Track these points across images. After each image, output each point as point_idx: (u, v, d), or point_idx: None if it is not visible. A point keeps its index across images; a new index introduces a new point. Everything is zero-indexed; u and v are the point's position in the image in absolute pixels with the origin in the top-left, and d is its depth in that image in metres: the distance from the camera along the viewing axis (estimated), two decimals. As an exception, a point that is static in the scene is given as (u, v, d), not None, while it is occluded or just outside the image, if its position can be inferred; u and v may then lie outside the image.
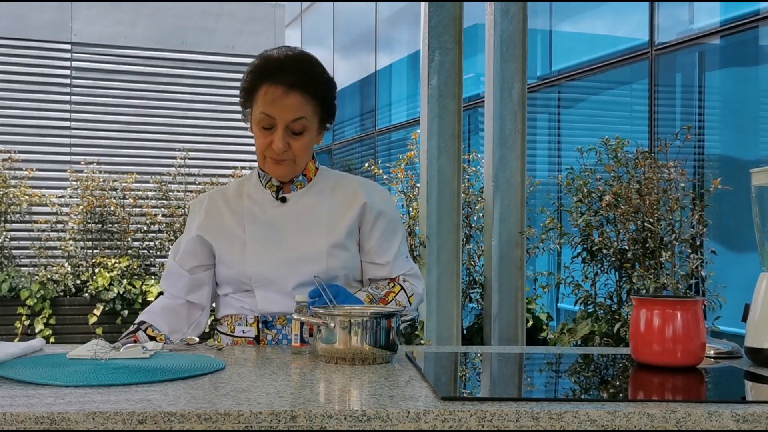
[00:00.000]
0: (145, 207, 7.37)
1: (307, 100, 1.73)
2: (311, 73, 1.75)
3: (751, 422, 1.16)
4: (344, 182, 1.88)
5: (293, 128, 1.74)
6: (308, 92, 1.73)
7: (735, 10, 5.28)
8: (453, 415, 1.13)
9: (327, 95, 1.78)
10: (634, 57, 6.00)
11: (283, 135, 1.73)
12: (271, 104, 1.72)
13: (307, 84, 1.72)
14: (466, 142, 7.77)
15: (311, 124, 1.76)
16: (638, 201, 4.02)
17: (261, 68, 1.75)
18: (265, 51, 1.80)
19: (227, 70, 7.96)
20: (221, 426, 1.10)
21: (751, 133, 5.23)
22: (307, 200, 1.83)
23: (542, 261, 6.74)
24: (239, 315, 1.82)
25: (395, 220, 1.89)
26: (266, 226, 1.80)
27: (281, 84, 1.71)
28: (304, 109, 1.73)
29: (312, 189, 1.85)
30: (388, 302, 1.79)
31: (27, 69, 7.41)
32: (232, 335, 1.83)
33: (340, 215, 1.82)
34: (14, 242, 7.12)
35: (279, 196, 1.84)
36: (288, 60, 1.74)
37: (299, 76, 1.72)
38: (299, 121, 1.73)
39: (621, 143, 4.31)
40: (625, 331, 3.86)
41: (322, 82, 1.77)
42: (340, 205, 1.83)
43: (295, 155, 1.77)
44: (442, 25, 5.08)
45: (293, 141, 1.75)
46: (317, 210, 1.82)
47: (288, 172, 1.80)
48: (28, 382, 1.27)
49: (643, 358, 1.51)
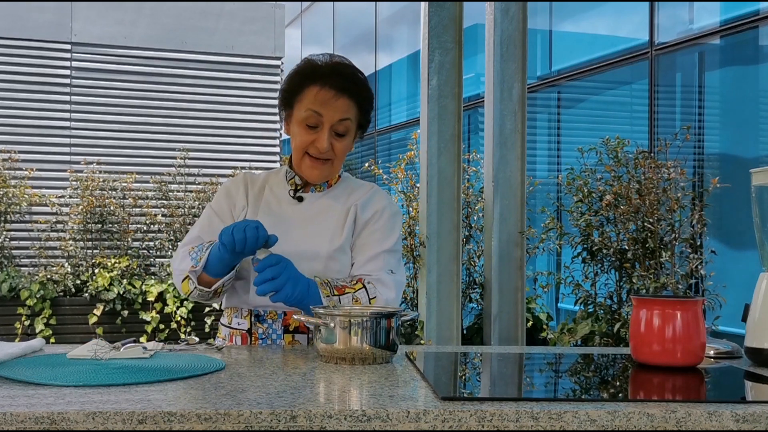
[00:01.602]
0: (145, 207, 7.36)
1: (352, 104, 1.81)
2: (358, 81, 1.83)
3: (751, 422, 1.16)
4: (360, 190, 1.92)
5: (337, 129, 1.81)
6: (354, 97, 1.81)
7: (735, 10, 5.28)
8: (453, 415, 1.13)
9: (368, 104, 1.87)
10: (634, 57, 6.00)
11: (329, 135, 1.80)
12: (321, 104, 1.78)
13: (355, 90, 1.81)
14: (466, 142, 7.78)
15: (353, 128, 1.84)
16: (638, 201, 4.02)
17: (309, 71, 1.82)
18: (309, 56, 1.87)
19: (227, 70, 7.96)
20: (221, 426, 1.10)
21: (751, 132, 5.24)
22: (323, 204, 1.88)
23: (542, 261, 6.74)
24: (236, 307, 1.86)
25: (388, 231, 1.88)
26: (277, 221, 1.83)
27: (332, 87, 1.78)
28: (350, 112, 1.81)
29: (329, 194, 1.90)
30: (343, 294, 1.75)
31: (27, 69, 7.41)
32: (229, 326, 1.87)
33: (345, 219, 1.86)
34: (14, 242, 7.11)
35: (297, 195, 1.88)
36: (337, 66, 1.82)
37: (350, 81, 1.81)
38: (344, 123, 1.81)
39: (621, 143, 4.31)
40: (625, 331, 3.86)
41: (366, 90, 1.86)
42: (348, 210, 1.87)
43: (336, 156, 1.83)
44: (442, 25, 5.08)
45: (336, 142, 1.82)
46: (329, 213, 1.86)
47: (323, 176, 1.86)
48: (28, 382, 1.27)
49: (643, 358, 1.51)
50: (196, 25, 7.89)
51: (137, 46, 7.69)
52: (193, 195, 7.42)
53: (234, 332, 1.86)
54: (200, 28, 7.90)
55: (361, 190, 1.92)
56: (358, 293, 1.76)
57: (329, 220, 1.85)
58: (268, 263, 1.65)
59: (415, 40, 8.96)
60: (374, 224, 1.87)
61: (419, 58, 5.25)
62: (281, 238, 1.78)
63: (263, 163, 7.99)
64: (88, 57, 7.58)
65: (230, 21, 7.99)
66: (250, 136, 8.03)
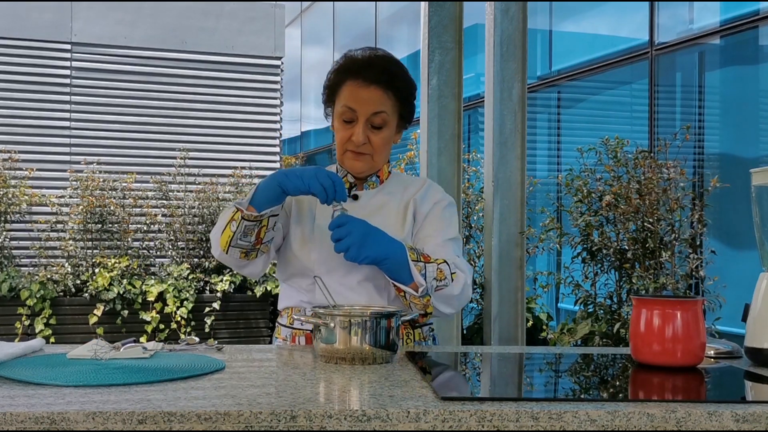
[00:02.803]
0: (145, 207, 7.36)
1: (388, 95, 1.81)
2: (391, 71, 1.83)
3: (751, 422, 1.16)
4: (414, 184, 1.93)
5: (373, 122, 1.81)
6: (389, 88, 1.81)
7: (735, 10, 5.28)
8: (453, 415, 1.13)
9: (406, 93, 1.86)
10: (634, 57, 6.00)
11: (364, 128, 1.80)
12: (353, 98, 1.79)
13: (387, 80, 1.81)
14: (466, 142, 7.77)
15: (391, 120, 1.83)
16: (638, 201, 4.02)
17: (345, 66, 1.84)
18: (348, 51, 1.88)
19: (227, 70, 7.95)
20: (221, 426, 1.10)
21: (751, 132, 5.24)
22: (379, 200, 1.88)
23: (542, 261, 6.74)
24: (298, 308, 1.84)
25: (448, 220, 1.89)
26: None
27: (363, 79, 1.79)
28: (385, 104, 1.81)
29: (383, 190, 1.91)
30: (429, 262, 1.73)
31: (27, 69, 7.40)
32: (291, 327, 1.85)
33: (403, 213, 1.86)
34: (14, 242, 7.11)
35: (351, 193, 1.88)
36: (371, 58, 1.83)
37: (381, 73, 1.80)
38: (379, 115, 1.80)
39: (621, 143, 4.31)
40: (625, 331, 3.86)
41: (402, 80, 1.84)
42: (405, 204, 1.88)
43: (374, 149, 1.83)
44: (442, 25, 5.08)
45: (373, 135, 1.82)
46: (386, 210, 1.87)
47: (366, 168, 1.86)
48: (28, 382, 1.27)
49: (643, 358, 1.51)
50: (196, 25, 7.89)
51: (137, 46, 7.68)
52: (193, 195, 7.42)
53: (297, 332, 1.84)
54: (200, 28, 7.90)
55: (415, 184, 1.93)
56: (442, 266, 1.74)
57: (388, 215, 1.85)
58: (336, 224, 1.67)
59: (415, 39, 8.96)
60: (434, 215, 1.87)
61: (419, 57, 5.25)
62: None
63: (263, 163, 7.99)
64: (88, 57, 7.58)
65: (230, 21, 7.99)
66: (250, 136, 8.03)
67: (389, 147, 1.89)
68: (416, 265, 1.70)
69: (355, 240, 1.65)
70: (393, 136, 1.87)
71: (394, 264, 1.69)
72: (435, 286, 1.72)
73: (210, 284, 7.12)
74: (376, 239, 1.67)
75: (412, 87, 1.88)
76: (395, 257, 1.69)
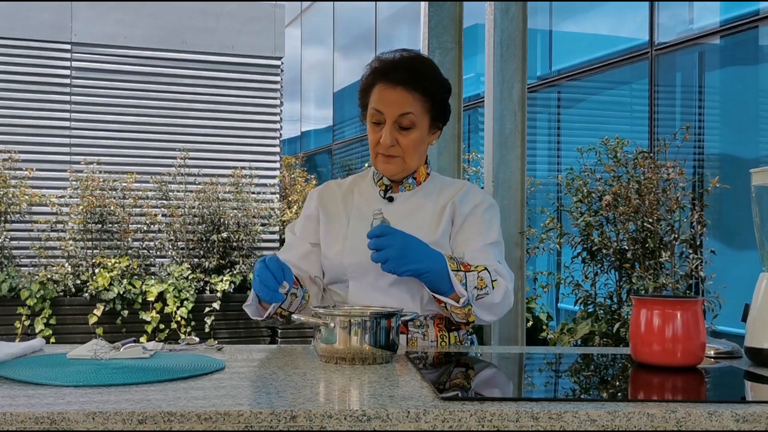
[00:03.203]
0: (145, 207, 7.36)
1: (415, 96, 1.78)
2: (420, 71, 1.79)
3: (751, 422, 1.16)
4: (452, 187, 1.90)
5: (401, 123, 1.78)
6: (416, 89, 1.77)
7: (735, 10, 5.28)
8: (453, 415, 1.13)
9: (436, 94, 1.82)
10: (634, 57, 6.00)
11: (391, 130, 1.78)
12: (380, 100, 1.78)
13: (414, 81, 1.77)
14: (466, 142, 7.77)
15: (420, 121, 1.80)
16: (638, 201, 4.02)
17: (376, 69, 1.82)
18: (382, 53, 1.85)
19: (227, 70, 7.95)
20: (221, 426, 1.10)
21: (751, 132, 5.24)
22: (414, 202, 1.86)
23: (542, 261, 6.74)
24: None
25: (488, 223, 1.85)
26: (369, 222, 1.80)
27: (390, 81, 1.77)
28: (412, 105, 1.78)
29: (419, 192, 1.88)
30: (468, 271, 1.70)
31: (27, 69, 7.40)
32: None
33: (439, 215, 1.83)
34: (14, 242, 7.11)
35: (386, 195, 1.87)
36: (400, 60, 1.80)
37: (407, 74, 1.77)
38: (407, 116, 1.77)
39: (621, 143, 4.31)
40: (625, 331, 3.86)
41: (431, 80, 1.81)
42: (441, 206, 1.85)
43: (404, 151, 1.80)
44: (442, 25, 5.08)
45: (401, 136, 1.79)
46: (422, 212, 1.84)
47: (397, 170, 1.84)
48: (28, 382, 1.27)
49: (643, 358, 1.51)
50: (196, 25, 7.89)
51: (137, 46, 7.68)
52: (193, 195, 7.42)
53: None
54: (200, 28, 7.90)
55: (453, 186, 1.90)
56: (482, 273, 1.72)
57: (423, 217, 1.83)
58: (375, 233, 1.64)
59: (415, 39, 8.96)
60: (474, 218, 1.84)
61: (419, 58, 5.24)
62: None
63: (263, 163, 7.99)
64: (88, 57, 7.58)
65: (230, 21, 7.99)
66: (250, 136, 8.03)
67: (423, 148, 1.85)
68: (456, 275, 1.67)
69: (394, 253, 1.62)
70: (425, 137, 1.83)
71: (435, 276, 1.66)
72: (476, 295, 1.69)
73: (210, 284, 7.12)
74: (416, 252, 1.64)
75: (441, 86, 1.83)
76: (435, 269, 1.66)
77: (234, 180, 7.54)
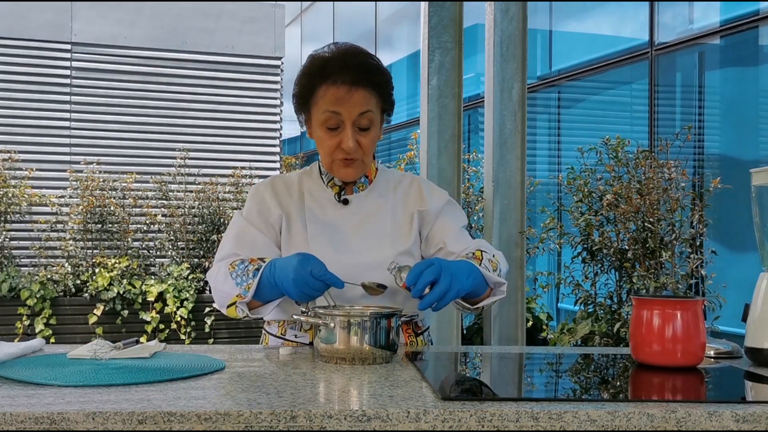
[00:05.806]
0: (145, 207, 7.36)
1: (371, 94, 1.70)
2: (370, 67, 1.72)
3: (751, 422, 1.16)
4: (405, 183, 1.86)
5: (360, 124, 1.71)
6: (371, 86, 1.70)
7: (735, 10, 5.28)
8: (453, 415, 1.13)
9: (386, 86, 1.75)
10: (634, 57, 6.00)
11: (353, 132, 1.70)
12: (336, 103, 1.68)
13: (369, 78, 1.70)
14: (466, 142, 7.77)
15: (376, 117, 1.74)
16: (638, 201, 4.02)
17: (316, 69, 1.71)
18: (313, 52, 1.75)
19: (227, 70, 7.95)
20: (221, 426, 1.10)
21: (751, 133, 5.24)
22: (370, 204, 1.80)
23: (542, 261, 6.74)
24: (292, 321, 1.77)
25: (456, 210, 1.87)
26: (328, 228, 1.76)
27: (344, 82, 1.67)
28: (369, 103, 1.70)
29: (373, 191, 1.82)
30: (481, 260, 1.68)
31: (27, 69, 7.40)
32: (283, 337, 1.78)
33: (404, 222, 1.80)
34: (14, 242, 7.11)
35: (341, 198, 1.80)
36: (346, 57, 1.70)
37: (362, 72, 1.69)
38: (366, 116, 1.70)
39: (621, 143, 4.31)
40: (625, 331, 3.86)
41: (381, 73, 1.74)
42: (402, 210, 1.81)
43: (364, 152, 1.73)
44: (442, 25, 5.07)
45: (361, 137, 1.72)
46: (380, 215, 1.79)
47: (358, 173, 1.77)
48: (28, 382, 1.27)
49: (643, 358, 1.51)
50: (196, 25, 7.89)
51: (137, 46, 7.68)
52: (193, 195, 7.42)
53: (292, 344, 1.75)
54: (200, 28, 7.90)
55: (403, 182, 1.86)
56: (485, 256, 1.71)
57: (383, 222, 1.78)
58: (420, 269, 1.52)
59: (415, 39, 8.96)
60: (445, 211, 1.83)
61: (419, 58, 5.25)
62: (336, 248, 1.71)
63: (263, 163, 7.99)
64: (88, 57, 7.58)
65: (230, 21, 7.99)
66: (250, 136, 8.03)
67: (375, 147, 1.80)
68: (486, 269, 1.65)
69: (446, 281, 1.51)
70: (380, 133, 1.78)
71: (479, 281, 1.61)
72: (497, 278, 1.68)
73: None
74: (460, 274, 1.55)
75: (389, 80, 1.76)
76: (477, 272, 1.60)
77: (234, 180, 7.54)
